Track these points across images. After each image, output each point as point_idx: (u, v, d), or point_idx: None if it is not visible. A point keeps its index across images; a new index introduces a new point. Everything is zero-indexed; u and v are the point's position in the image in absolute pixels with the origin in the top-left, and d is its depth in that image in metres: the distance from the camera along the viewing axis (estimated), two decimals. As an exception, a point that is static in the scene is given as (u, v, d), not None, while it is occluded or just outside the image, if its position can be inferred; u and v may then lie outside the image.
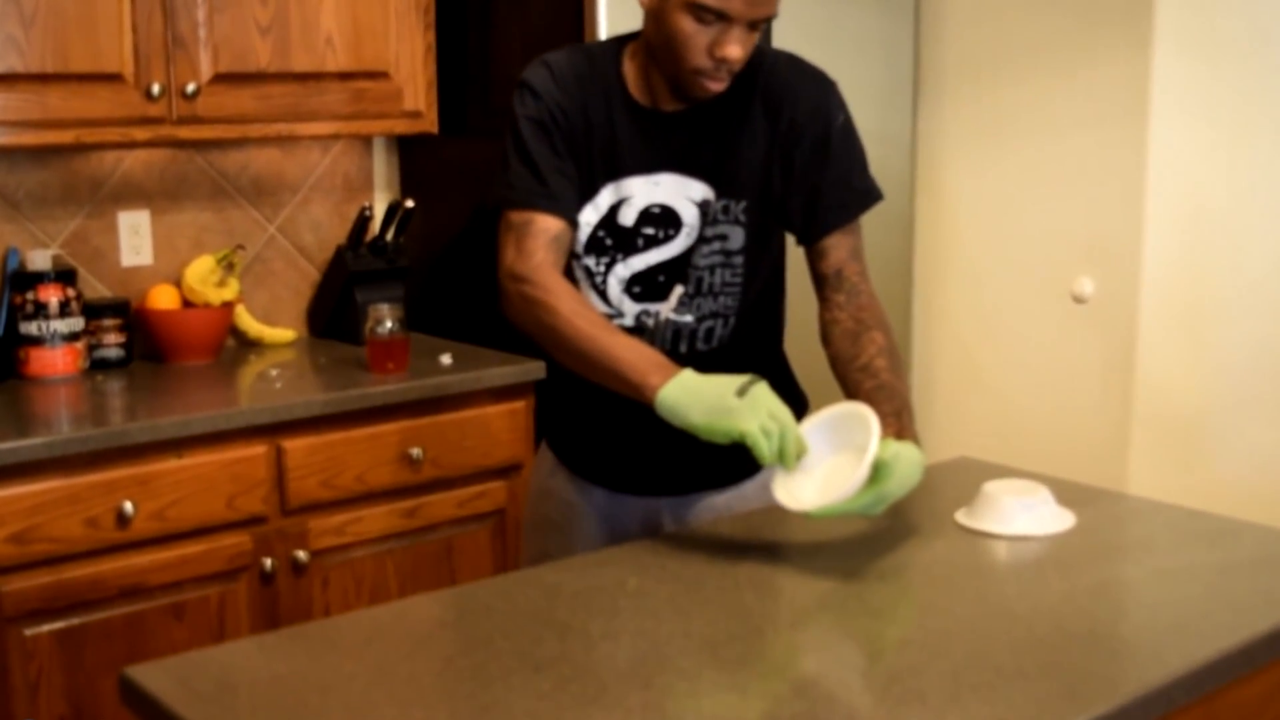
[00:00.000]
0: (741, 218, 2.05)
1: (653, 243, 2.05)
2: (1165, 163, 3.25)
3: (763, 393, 1.80)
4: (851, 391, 1.99)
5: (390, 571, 2.91)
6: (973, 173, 3.62)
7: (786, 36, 1.95)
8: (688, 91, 1.97)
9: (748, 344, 2.13)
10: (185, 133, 2.88)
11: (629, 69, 2.04)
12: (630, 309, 2.07)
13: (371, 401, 2.85)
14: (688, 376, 1.82)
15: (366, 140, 3.48)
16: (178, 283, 3.16)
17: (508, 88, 3.21)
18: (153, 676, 1.50)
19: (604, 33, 2.90)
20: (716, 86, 1.96)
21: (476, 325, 3.36)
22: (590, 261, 2.07)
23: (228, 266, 3.18)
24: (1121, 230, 3.31)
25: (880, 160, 2.13)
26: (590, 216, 2.05)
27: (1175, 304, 3.30)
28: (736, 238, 2.06)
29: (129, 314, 3.08)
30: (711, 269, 2.05)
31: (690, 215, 2.04)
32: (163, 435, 2.59)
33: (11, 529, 2.45)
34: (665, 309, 2.07)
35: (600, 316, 1.96)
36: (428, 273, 3.49)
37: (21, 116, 2.68)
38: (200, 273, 3.15)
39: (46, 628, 2.52)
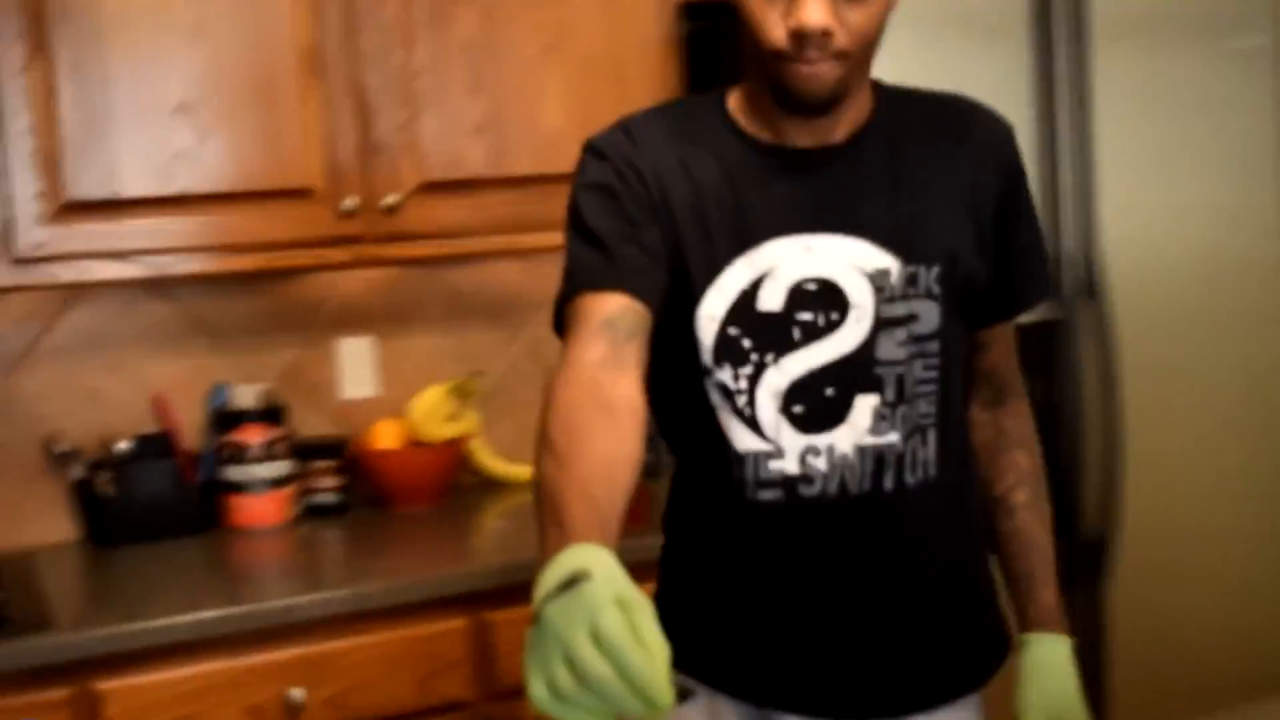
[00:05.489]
0: (934, 289, 1.52)
1: (814, 333, 1.51)
2: None
3: (585, 606, 1.06)
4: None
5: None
6: None
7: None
8: (788, 91, 1.48)
9: (954, 472, 1.59)
10: (390, 251, 2.53)
11: (735, 109, 1.59)
12: (792, 443, 1.52)
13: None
14: (602, 554, 1.14)
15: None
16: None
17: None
18: None
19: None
20: (807, 70, 1.45)
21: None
22: (725, 376, 1.53)
23: (462, 396, 2.80)
24: None
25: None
26: (715, 308, 1.52)
27: None
28: (930, 317, 1.53)
29: (345, 454, 2.74)
30: (907, 361, 1.52)
31: (860, 292, 1.51)
32: (335, 610, 2.21)
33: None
34: (845, 437, 1.52)
35: (603, 425, 1.39)
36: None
37: (197, 241, 2.37)
38: (427, 405, 2.78)
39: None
